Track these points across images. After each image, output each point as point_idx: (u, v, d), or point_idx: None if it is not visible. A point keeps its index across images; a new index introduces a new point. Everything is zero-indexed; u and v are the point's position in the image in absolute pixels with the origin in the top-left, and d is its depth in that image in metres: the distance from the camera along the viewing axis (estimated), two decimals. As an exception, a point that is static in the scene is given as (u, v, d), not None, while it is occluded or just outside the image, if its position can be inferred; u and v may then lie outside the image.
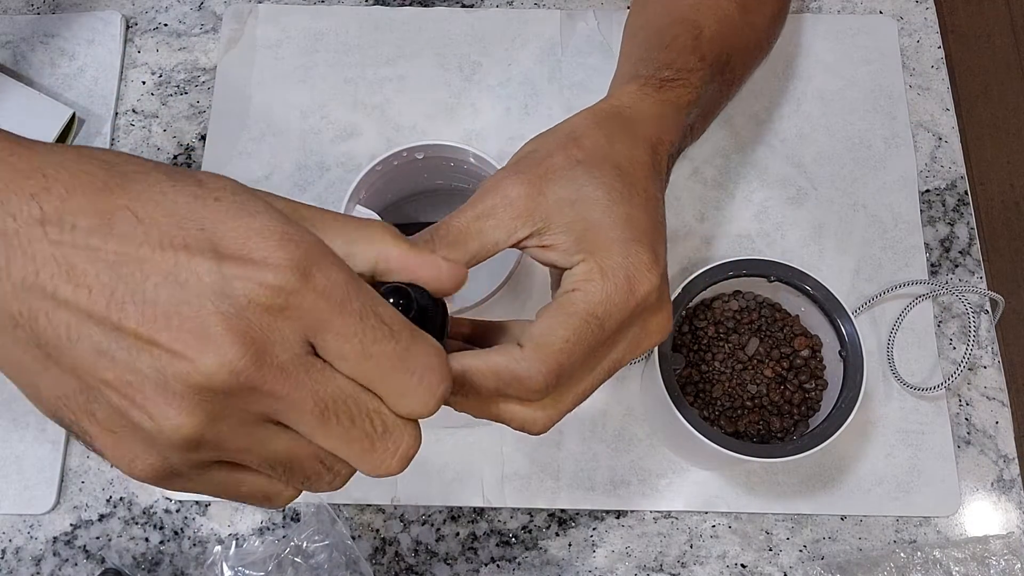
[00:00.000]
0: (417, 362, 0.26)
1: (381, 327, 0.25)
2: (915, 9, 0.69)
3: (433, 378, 0.26)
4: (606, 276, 0.34)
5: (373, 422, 0.26)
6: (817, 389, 0.52)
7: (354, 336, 0.24)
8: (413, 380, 0.25)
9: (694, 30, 0.47)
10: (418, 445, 0.27)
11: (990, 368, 0.59)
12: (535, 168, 0.36)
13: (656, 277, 0.35)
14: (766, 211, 0.63)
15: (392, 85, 0.66)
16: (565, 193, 0.36)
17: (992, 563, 0.54)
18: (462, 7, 0.68)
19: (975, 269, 0.62)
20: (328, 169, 0.63)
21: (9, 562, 0.55)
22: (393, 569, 0.55)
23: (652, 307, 0.35)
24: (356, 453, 0.26)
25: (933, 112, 0.66)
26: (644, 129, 0.40)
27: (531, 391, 0.33)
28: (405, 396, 0.26)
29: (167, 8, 0.68)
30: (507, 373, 0.32)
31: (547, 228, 0.35)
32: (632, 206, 0.36)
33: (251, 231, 0.24)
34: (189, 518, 0.55)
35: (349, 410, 0.25)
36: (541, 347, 0.33)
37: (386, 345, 0.25)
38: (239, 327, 0.23)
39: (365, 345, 0.25)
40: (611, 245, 0.35)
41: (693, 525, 0.56)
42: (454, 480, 0.56)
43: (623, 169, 0.37)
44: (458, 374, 0.32)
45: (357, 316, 0.24)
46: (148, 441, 0.24)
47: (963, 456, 0.57)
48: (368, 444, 0.26)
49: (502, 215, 0.35)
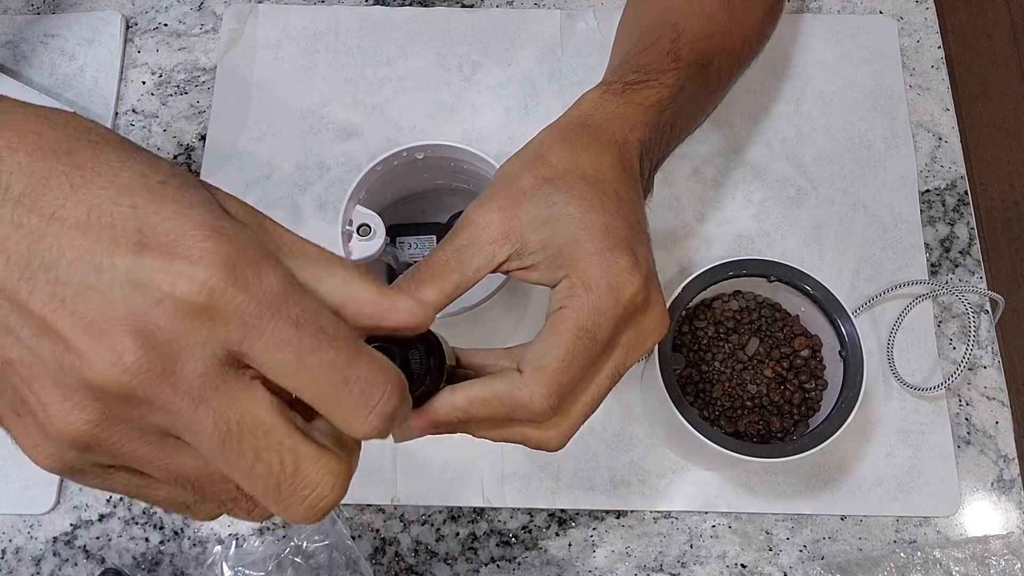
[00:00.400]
0: (359, 376, 0.23)
1: (319, 336, 0.22)
2: (915, 9, 0.69)
3: (375, 394, 0.23)
4: (589, 288, 0.34)
5: (283, 460, 0.23)
6: (817, 389, 0.52)
7: (287, 345, 0.22)
8: (353, 395, 0.23)
9: (673, 33, 0.47)
10: (337, 495, 0.24)
11: (990, 368, 0.59)
12: (506, 192, 0.37)
13: (638, 280, 0.35)
14: (766, 211, 0.63)
15: (392, 85, 0.66)
16: (537, 212, 0.36)
17: (992, 563, 0.54)
18: (462, 7, 0.68)
19: (975, 269, 0.62)
20: (328, 169, 0.63)
21: (9, 562, 0.55)
22: (393, 569, 0.55)
23: (641, 308, 0.36)
24: (260, 492, 0.23)
25: (933, 112, 0.66)
26: (607, 132, 0.40)
27: (537, 414, 0.33)
28: (344, 414, 0.23)
29: (167, 8, 0.68)
30: (510, 400, 0.33)
31: (524, 249, 0.36)
32: (605, 214, 0.36)
33: (184, 221, 0.22)
34: (189, 518, 0.55)
35: (255, 441, 0.22)
36: (538, 370, 0.33)
37: (323, 356, 0.22)
38: (144, 327, 0.21)
39: (300, 355, 0.22)
40: (589, 257, 0.35)
41: (693, 525, 0.56)
42: (454, 480, 0.56)
43: (591, 179, 0.37)
44: (465, 404, 0.33)
45: (292, 324, 0.22)
46: (43, 432, 0.22)
47: (963, 456, 0.57)
48: (272, 483, 0.23)
49: (480, 242, 0.36)
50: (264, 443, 0.22)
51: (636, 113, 0.42)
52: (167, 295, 0.21)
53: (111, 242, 0.21)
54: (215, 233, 0.22)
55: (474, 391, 0.33)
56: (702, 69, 0.47)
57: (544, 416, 0.33)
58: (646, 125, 0.42)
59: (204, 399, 0.21)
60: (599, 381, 0.36)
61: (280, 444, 0.23)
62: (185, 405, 0.21)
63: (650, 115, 0.42)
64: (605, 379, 0.36)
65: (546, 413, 0.33)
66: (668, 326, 0.37)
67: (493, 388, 0.33)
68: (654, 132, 0.42)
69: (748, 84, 0.66)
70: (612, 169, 0.38)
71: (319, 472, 0.23)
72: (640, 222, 0.38)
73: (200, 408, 0.21)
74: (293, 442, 0.23)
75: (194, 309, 0.21)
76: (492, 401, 0.33)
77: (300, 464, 0.23)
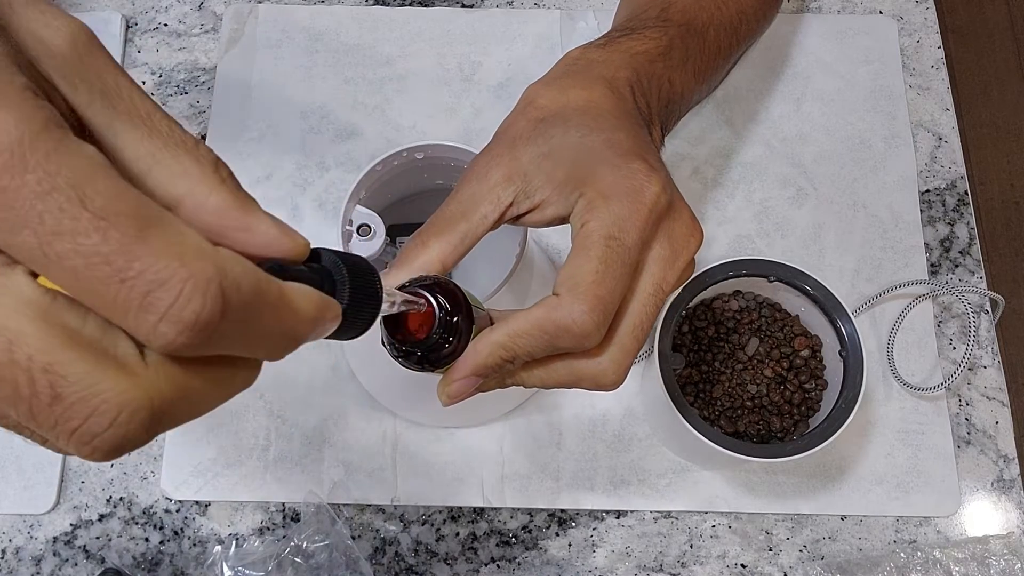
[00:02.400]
0: (139, 271, 0.17)
1: (76, 212, 0.16)
2: (915, 9, 0.69)
3: (165, 296, 0.17)
4: (607, 198, 0.33)
5: (33, 381, 0.17)
6: (817, 389, 0.52)
7: (24, 225, 0.16)
8: (133, 297, 0.17)
9: (664, 3, 0.48)
10: (121, 431, 0.18)
11: (990, 368, 0.59)
12: (502, 140, 0.37)
13: (658, 181, 0.34)
14: (766, 211, 0.63)
15: (392, 85, 0.66)
16: (536, 149, 0.36)
17: (992, 563, 0.54)
18: (462, 7, 0.68)
19: (975, 269, 0.62)
20: (328, 169, 0.63)
21: (9, 562, 0.55)
22: (393, 569, 0.55)
23: (668, 214, 0.34)
24: (17, 419, 0.18)
25: (933, 112, 0.66)
26: (593, 72, 0.40)
27: (582, 336, 0.32)
28: (125, 321, 0.17)
29: (167, 8, 0.68)
30: (551, 325, 0.32)
31: (529, 187, 0.35)
32: (607, 131, 0.36)
33: None
34: (189, 518, 0.55)
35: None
36: (573, 288, 0.32)
37: (81, 240, 0.16)
38: None
39: (43, 239, 0.16)
40: (600, 170, 0.34)
41: (693, 525, 0.56)
42: (454, 480, 0.56)
43: (584, 108, 0.37)
44: (505, 339, 0.32)
45: (31, 193, 0.16)
46: None
47: (963, 456, 0.57)
48: (24, 410, 0.17)
49: (482, 189, 0.35)
50: (5, 357, 0.17)
51: (620, 57, 0.42)
52: None
53: None
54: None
55: (512, 325, 0.32)
56: (697, 34, 0.47)
57: (589, 336, 0.32)
58: (632, 68, 0.41)
59: None
60: (642, 299, 0.34)
61: (29, 359, 0.17)
62: None
63: (637, 61, 0.42)
64: (648, 296, 0.34)
65: (590, 332, 0.32)
66: (701, 235, 0.36)
67: (531, 317, 0.32)
68: (643, 77, 0.42)
69: (748, 84, 0.66)
70: (604, 98, 0.38)
71: (90, 400, 0.17)
72: (647, 139, 0.38)
73: None
74: (50, 358, 0.17)
75: None
76: (532, 331, 0.32)
77: (59, 388, 0.17)
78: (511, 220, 0.36)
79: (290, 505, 0.56)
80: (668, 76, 0.44)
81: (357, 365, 0.58)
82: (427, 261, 0.34)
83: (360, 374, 0.57)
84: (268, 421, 0.57)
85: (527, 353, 0.32)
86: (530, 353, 0.33)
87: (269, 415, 0.57)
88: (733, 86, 0.66)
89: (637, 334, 0.34)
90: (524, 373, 0.34)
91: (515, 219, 0.36)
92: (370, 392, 0.57)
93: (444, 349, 0.31)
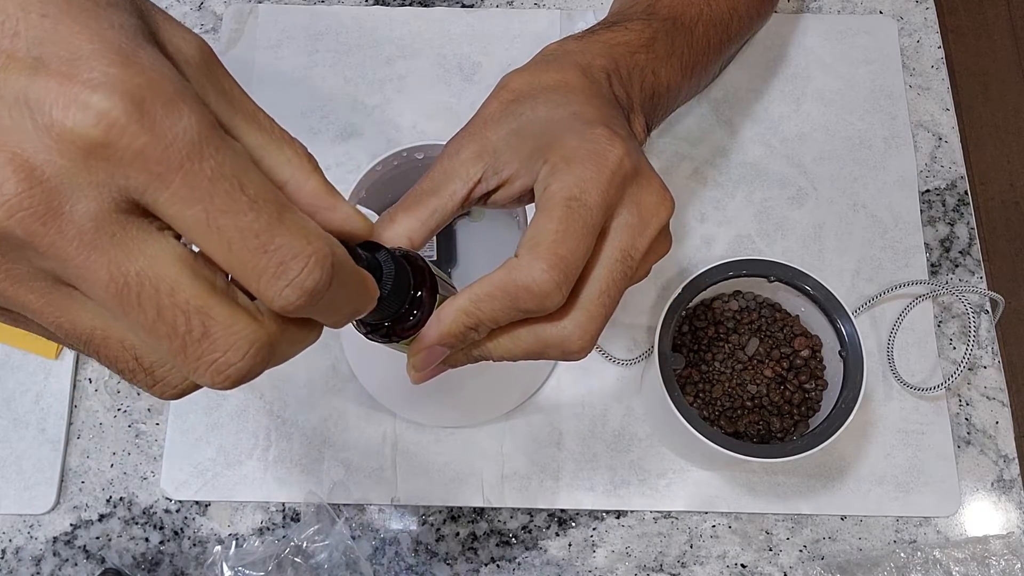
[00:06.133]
0: (279, 245, 0.21)
1: (237, 196, 0.20)
2: (915, 9, 0.69)
3: (295, 265, 0.21)
4: (569, 161, 0.33)
5: (189, 321, 0.21)
6: (817, 389, 0.52)
7: (198, 202, 0.20)
8: (271, 265, 0.21)
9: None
10: (251, 363, 0.22)
11: (990, 368, 0.59)
12: (475, 121, 0.37)
13: (621, 145, 0.34)
14: (766, 211, 0.63)
15: (392, 85, 0.66)
16: (506, 127, 0.36)
17: (992, 563, 0.54)
18: (462, 7, 0.68)
19: (975, 269, 0.62)
20: (328, 169, 0.63)
21: (9, 562, 0.55)
22: (393, 569, 0.55)
23: (634, 180, 0.34)
24: (165, 352, 0.21)
25: (933, 112, 0.66)
26: (569, 59, 0.40)
27: (542, 295, 0.31)
28: (258, 284, 0.21)
29: (167, 8, 0.68)
30: (511, 285, 0.31)
31: (497, 162, 0.35)
32: (575, 105, 0.36)
33: (96, 40, 0.19)
34: (189, 518, 0.55)
35: (157, 298, 0.20)
36: (534, 247, 0.31)
37: (240, 218, 0.20)
38: (30, 158, 0.18)
39: (211, 214, 0.20)
40: (563, 137, 0.34)
41: (693, 525, 0.56)
42: (454, 480, 0.56)
43: (555, 87, 0.38)
44: (467, 304, 0.32)
45: (206, 178, 0.20)
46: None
47: (963, 456, 0.57)
48: (178, 345, 0.21)
49: (453, 167, 0.36)
50: (168, 301, 0.20)
51: (598, 47, 0.42)
52: (58, 123, 0.18)
53: (8, 56, 0.18)
54: (127, 60, 0.19)
55: (474, 289, 0.32)
56: (684, 28, 0.47)
57: (549, 296, 0.31)
58: (610, 57, 0.41)
59: (97, 246, 0.19)
60: (608, 264, 0.33)
61: (187, 303, 0.20)
62: (75, 251, 0.19)
63: (616, 51, 0.42)
64: (615, 263, 0.33)
65: (550, 291, 0.31)
66: (672, 203, 0.35)
67: (492, 279, 0.32)
68: (622, 67, 0.42)
69: (748, 84, 0.66)
70: (576, 79, 0.38)
71: (230, 336, 0.21)
72: (616, 114, 0.38)
73: (93, 255, 0.19)
74: (203, 303, 0.21)
75: (89, 144, 0.18)
76: (494, 293, 0.31)
77: (209, 326, 0.21)
78: (481, 199, 0.36)
79: (290, 505, 0.56)
80: (652, 68, 0.44)
81: (357, 365, 0.58)
82: (394, 235, 0.34)
83: (360, 374, 0.57)
84: (268, 421, 0.57)
85: (490, 318, 0.32)
86: (493, 318, 0.32)
87: (269, 415, 0.57)
88: (733, 86, 0.66)
89: (604, 300, 0.33)
90: (490, 343, 0.34)
91: (484, 197, 0.36)
92: (370, 392, 0.57)
93: (409, 320, 0.31)
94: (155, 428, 0.57)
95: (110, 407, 0.57)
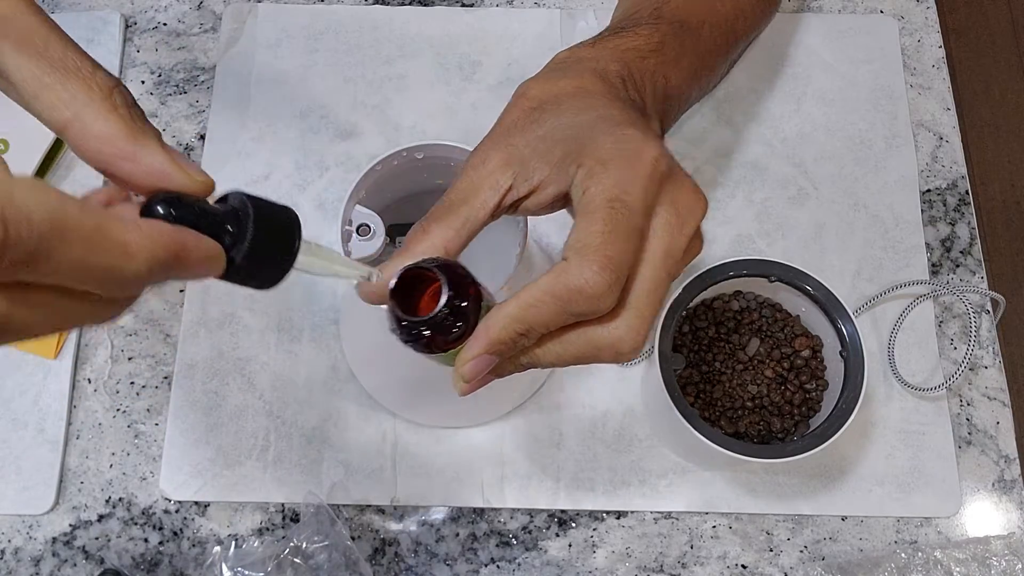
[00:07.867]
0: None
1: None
2: (916, 8, 0.69)
3: None
4: (606, 163, 0.33)
5: None
6: (818, 389, 0.52)
7: None
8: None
9: (657, 2, 0.48)
10: None
11: (991, 368, 0.59)
12: (496, 131, 0.37)
13: (654, 144, 0.34)
14: (766, 211, 0.62)
15: (392, 85, 0.65)
16: (532, 134, 0.36)
17: (993, 563, 0.54)
18: (462, 7, 0.68)
19: (976, 269, 0.62)
20: (328, 169, 0.63)
21: (8, 562, 0.54)
22: (393, 569, 0.55)
23: (669, 179, 0.34)
24: None
25: (934, 112, 0.66)
26: (584, 66, 0.40)
27: (595, 297, 0.31)
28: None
29: (166, 7, 0.68)
30: (563, 289, 0.31)
31: (526, 169, 0.35)
32: (599, 109, 0.36)
33: None
34: (188, 519, 0.55)
35: None
36: (582, 250, 0.31)
37: None
38: None
39: None
40: (596, 140, 0.34)
41: (693, 526, 0.56)
42: (454, 480, 0.56)
43: (575, 94, 0.38)
44: (517, 311, 0.31)
45: None
46: None
47: (964, 456, 0.57)
48: None
49: (480, 176, 0.35)
50: None
51: (610, 53, 0.42)
52: None
53: None
54: None
55: (523, 296, 0.31)
56: (691, 31, 0.47)
57: (602, 297, 0.31)
58: (622, 62, 0.41)
59: None
60: (653, 263, 0.33)
61: None
62: None
63: (627, 56, 0.42)
64: (659, 261, 0.34)
65: (603, 293, 0.31)
66: (706, 203, 0.36)
67: (541, 285, 0.31)
68: (635, 72, 0.42)
69: (748, 83, 0.66)
70: (594, 85, 0.38)
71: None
72: (641, 116, 0.38)
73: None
74: None
75: None
76: (545, 299, 0.31)
77: None
78: (512, 206, 0.36)
79: (289, 506, 0.56)
80: (663, 72, 0.44)
81: (357, 365, 0.58)
82: (429, 247, 0.34)
83: (360, 374, 0.57)
84: (268, 421, 0.57)
85: (542, 323, 0.32)
86: (545, 323, 0.32)
87: (269, 415, 0.57)
88: (733, 86, 0.65)
89: (652, 299, 0.33)
90: (539, 350, 0.34)
91: (515, 204, 0.36)
92: (370, 392, 0.57)
93: (453, 330, 0.31)
94: (154, 428, 0.57)
95: (109, 407, 0.57)
